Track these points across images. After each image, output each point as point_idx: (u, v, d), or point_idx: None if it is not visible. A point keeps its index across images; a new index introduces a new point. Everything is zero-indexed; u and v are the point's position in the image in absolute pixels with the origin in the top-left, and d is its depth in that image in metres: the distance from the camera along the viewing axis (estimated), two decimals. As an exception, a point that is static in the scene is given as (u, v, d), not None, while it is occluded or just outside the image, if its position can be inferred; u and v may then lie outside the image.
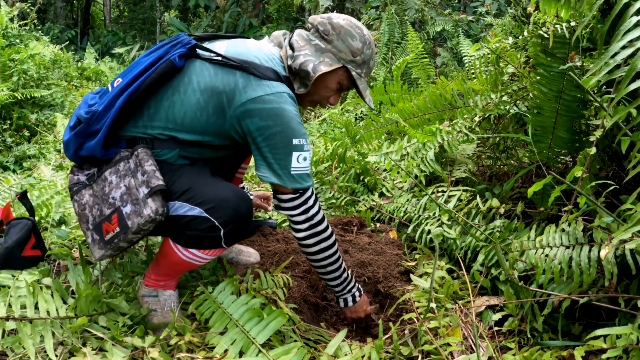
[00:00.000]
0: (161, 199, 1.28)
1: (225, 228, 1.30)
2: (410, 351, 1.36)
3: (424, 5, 6.70)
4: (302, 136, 1.35)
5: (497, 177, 2.11)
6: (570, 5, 1.53)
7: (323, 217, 1.45)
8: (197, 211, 1.28)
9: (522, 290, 1.41)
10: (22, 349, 1.22)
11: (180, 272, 1.47)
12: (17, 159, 4.00)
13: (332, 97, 1.48)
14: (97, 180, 1.36)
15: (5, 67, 4.72)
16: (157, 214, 1.24)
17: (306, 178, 1.38)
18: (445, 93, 2.53)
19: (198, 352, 1.33)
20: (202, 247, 1.34)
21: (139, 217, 1.25)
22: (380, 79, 5.75)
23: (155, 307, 1.44)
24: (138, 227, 1.25)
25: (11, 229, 1.71)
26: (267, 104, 1.31)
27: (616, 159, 1.57)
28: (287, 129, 1.32)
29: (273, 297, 1.56)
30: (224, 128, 1.36)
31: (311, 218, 1.41)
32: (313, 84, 1.40)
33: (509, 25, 3.55)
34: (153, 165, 1.31)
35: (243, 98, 1.31)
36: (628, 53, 1.05)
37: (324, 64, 1.37)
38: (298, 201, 1.39)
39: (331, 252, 1.46)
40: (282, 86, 1.35)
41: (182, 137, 1.36)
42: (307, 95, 1.45)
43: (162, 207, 1.26)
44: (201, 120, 1.35)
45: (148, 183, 1.27)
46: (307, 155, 1.37)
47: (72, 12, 12.56)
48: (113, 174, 1.33)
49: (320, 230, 1.43)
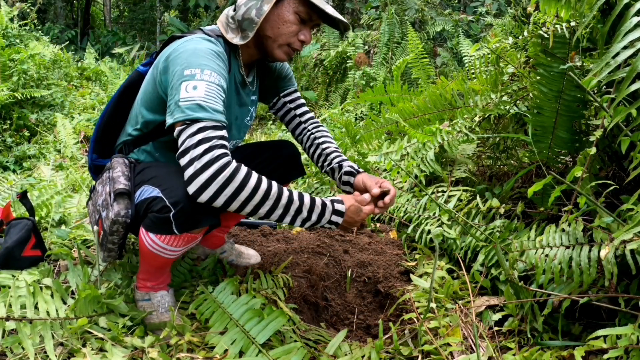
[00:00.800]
0: (126, 201, 1.33)
1: (175, 208, 1.23)
2: (410, 351, 1.36)
3: (424, 5, 6.70)
4: (197, 66, 1.22)
5: (497, 177, 2.11)
6: (570, 5, 1.53)
7: (229, 158, 1.18)
8: (156, 192, 1.29)
9: (522, 290, 1.41)
10: (22, 350, 1.22)
11: (157, 268, 1.43)
12: (17, 159, 4.01)
13: (299, 32, 1.37)
14: (93, 191, 1.51)
15: (5, 67, 4.72)
16: (119, 216, 1.30)
17: (195, 108, 1.17)
18: (445, 93, 2.53)
19: (198, 352, 1.33)
20: (157, 231, 1.29)
21: (107, 220, 1.33)
22: (380, 79, 5.75)
23: (151, 310, 1.44)
24: (110, 230, 1.32)
25: (11, 229, 1.71)
26: (175, 52, 1.29)
27: (616, 159, 1.57)
28: (183, 64, 1.24)
29: (273, 297, 1.56)
30: (160, 97, 1.35)
31: (211, 149, 1.15)
32: (270, 26, 1.35)
33: (509, 25, 3.55)
34: (120, 171, 1.39)
35: (162, 58, 1.33)
36: (629, 54, 1.05)
37: (265, 1, 1.32)
38: (185, 133, 1.17)
39: (255, 191, 1.19)
40: (199, 36, 1.34)
41: (150, 124, 1.42)
42: (271, 40, 1.37)
43: (124, 209, 1.31)
44: (152, 97, 1.38)
45: (113, 189, 1.35)
46: (199, 84, 1.20)
47: (72, 12, 12.56)
48: (99, 184, 1.45)
49: (223, 165, 1.16)
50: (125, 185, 1.35)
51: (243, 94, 1.51)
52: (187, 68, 1.22)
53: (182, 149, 1.17)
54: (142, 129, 1.44)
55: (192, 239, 1.35)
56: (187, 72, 1.22)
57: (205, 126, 1.17)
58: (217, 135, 1.18)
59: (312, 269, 1.75)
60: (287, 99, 1.67)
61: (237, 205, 1.19)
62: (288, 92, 1.67)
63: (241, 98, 1.50)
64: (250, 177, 1.19)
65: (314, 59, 6.87)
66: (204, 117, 1.17)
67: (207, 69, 1.23)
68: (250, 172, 1.21)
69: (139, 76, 1.51)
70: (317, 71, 6.82)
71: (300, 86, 6.86)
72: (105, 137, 1.57)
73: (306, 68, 6.96)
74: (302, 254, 1.86)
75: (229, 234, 2.04)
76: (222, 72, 1.27)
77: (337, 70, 6.58)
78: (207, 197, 1.16)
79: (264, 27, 1.36)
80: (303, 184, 2.82)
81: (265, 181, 1.22)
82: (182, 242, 1.33)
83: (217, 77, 1.24)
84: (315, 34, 7.47)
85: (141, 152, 1.48)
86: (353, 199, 1.37)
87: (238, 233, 2.08)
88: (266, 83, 1.64)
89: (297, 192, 1.28)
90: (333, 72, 6.59)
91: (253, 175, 1.20)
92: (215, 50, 1.30)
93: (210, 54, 1.27)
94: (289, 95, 1.67)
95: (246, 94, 1.52)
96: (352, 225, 1.37)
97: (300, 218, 1.28)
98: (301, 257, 1.84)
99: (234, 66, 1.43)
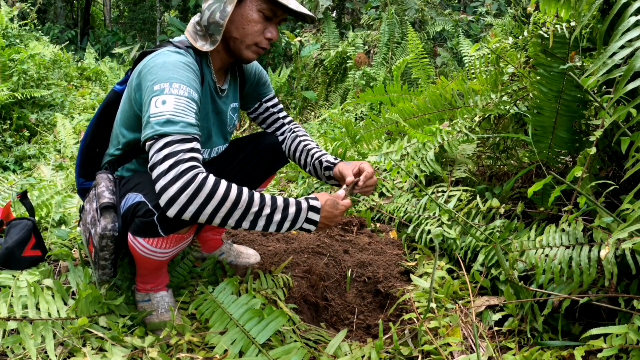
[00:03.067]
0: (112, 215, 1.33)
1: (158, 211, 1.24)
2: (410, 351, 1.36)
3: (424, 5, 6.70)
4: (166, 80, 1.21)
5: (497, 177, 2.11)
6: (570, 5, 1.53)
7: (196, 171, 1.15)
8: (139, 197, 1.29)
9: (522, 290, 1.41)
10: (22, 350, 1.22)
11: (152, 271, 1.44)
12: (17, 159, 4.01)
13: (265, 30, 1.35)
14: (82, 211, 1.51)
15: (5, 67, 4.72)
16: (106, 230, 1.31)
17: (164, 123, 1.16)
18: (445, 93, 2.53)
19: (198, 352, 1.33)
20: (144, 235, 1.29)
21: (96, 236, 1.34)
22: (380, 79, 5.75)
23: (151, 310, 1.45)
24: (99, 245, 1.33)
25: (11, 229, 1.71)
26: (146, 67, 1.28)
27: (616, 159, 1.57)
28: (153, 79, 1.22)
29: (273, 297, 1.56)
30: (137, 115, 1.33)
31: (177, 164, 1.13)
32: (235, 27, 1.33)
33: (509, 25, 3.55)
34: (104, 186, 1.40)
35: (135, 75, 1.32)
36: (626, 53, 1.05)
37: (228, 3, 1.31)
38: (153, 149, 1.15)
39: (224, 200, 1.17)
40: (168, 49, 1.32)
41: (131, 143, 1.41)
42: (238, 41, 1.35)
43: (111, 223, 1.32)
44: (130, 115, 1.37)
45: (98, 204, 1.36)
46: (168, 99, 1.18)
47: (72, 12, 12.56)
48: (87, 203, 1.47)
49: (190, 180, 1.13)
50: (110, 199, 1.35)
51: (219, 102, 1.49)
52: (156, 83, 1.21)
53: (150, 164, 1.16)
54: (124, 148, 1.44)
55: (181, 240, 1.35)
56: (157, 88, 1.20)
57: (172, 140, 1.15)
58: (184, 149, 1.15)
59: (312, 269, 1.75)
60: (269, 104, 1.69)
61: (206, 216, 1.16)
62: (269, 97, 1.69)
63: (218, 106, 1.49)
64: (218, 186, 1.16)
65: (314, 59, 6.87)
66: (171, 131, 1.15)
67: (175, 82, 1.21)
68: (219, 182, 1.17)
69: (116, 95, 1.50)
70: (317, 71, 6.82)
71: (300, 86, 6.86)
72: (90, 160, 1.57)
73: (306, 68, 6.96)
74: (302, 254, 1.86)
75: (227, 233, 2.04)
76: (192, 84, 1.25)
77: (337, 70, 6.58)
78: (175, 212, 1.14)
79: (230, 28, 1.34)
80: (303, 184, 2.82)
81: (235, 189, 1.19)
82: (171, 243, 1.33)
83: (187, 89, 1.22)
84: (315, 34, 7.47)
85: (125, 170, 1.47)
86: (327, 194, 1.34)
87: (237, 233, 2.08)
88: (246, 90, 1.63)
89: (270, 196, 1.25)
90: (333, 72, 6.59)
91: (222, 184, 1.17)
92: (184, 62, 1.28)
93: (179, 66, 1.26)
94: (271, 101, 1.69)
95: (223, 101, 1.50)
96: (332, 220, 1.32)
97: (275, 222, 1.23)
98: (301, 257, 1.84)
99: (207, 75, 1.41)
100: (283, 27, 8.78)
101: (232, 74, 1.55)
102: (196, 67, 1.32)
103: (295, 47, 7.06)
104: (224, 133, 1.56)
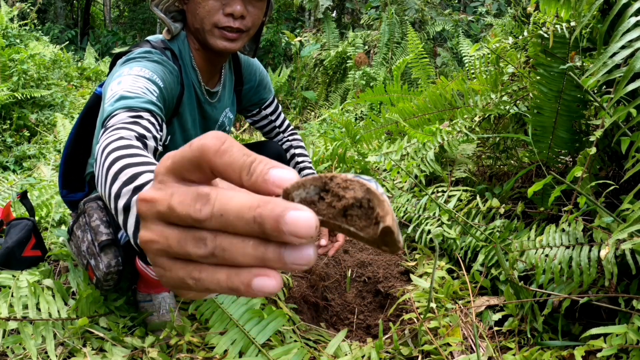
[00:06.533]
0: (113, 250, 1.28)
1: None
2: (410, 351, 1.36)
3: (424, 5, 6.70)
4: (127, 67, 1.09)
5: (497, 177, 2.11)
6: (570, 5, 1.53)
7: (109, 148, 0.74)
8: None
9: (522, 290, 1.41)
10: (23, 350, 1.22)
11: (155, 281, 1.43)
12: (17, 159, 4.01)
13: (222, 7, 1.17)
14: (72, 233, 1.40)
15: (5, 67, 4.72)
16: (110, 267, 1.27)
17: (115, 102, 0.94)
18: (445, 93, 2.53)
19: (198, 352, 1.33)
20: (147, 262, 1.26)
21: (99, 270, 1.29)
22: (380, 79, 5.75)
23: (152, 311, 1.45)
24: (104, 279, 1.28)
25: (11, 229, 1.71)
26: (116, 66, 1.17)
27: (616, 159, 1.57)
28: (115, 73, 1.10)
29: (273, 297, 1.56)
30: None
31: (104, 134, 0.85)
32: (192, 14, 1.20)
33: (509, 25, 3.55)
34: (97, 218, 1.30)
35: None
36: (627, 53, 1.05)
37: None
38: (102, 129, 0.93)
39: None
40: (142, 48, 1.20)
41: None
42: (200, 30, 1.20)
43: (114, 259, 1.27)
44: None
45: (96, 240, 1.29)
46: (124, 79, 1.01)
47: (72, 12, 12.56)
48: (78, 229, 1.37)
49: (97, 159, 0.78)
50: (108, 234, 1.28)
51: (208, 107, 1.38)
52: (118, 76, 1.05)
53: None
54: None
55: None
56: (116, 76, 1.05)
57: (117, 114, 0.90)
58: (127, 115, 0.89)
59: (312, 269, 1.75)
60: (268, 111, 1.60)
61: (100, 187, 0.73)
62: (268, 103, 1.59)
63: (206, 111, 1.38)
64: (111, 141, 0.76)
65: (314, 59, 6.88)
66: (120, 106, 0.91)
67: (136, 65, 1.08)
68: (116, 139, 0.77)
69: (97, 99, 1.40)
70: (317, 71, 6.82)
71: (300, 86, 6.86)
72: (73, 170, 1.50)
73: (306, 68, 6.96)
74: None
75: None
76: (158, 71, 1.10)
77: (337, 70, 6.58)
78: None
79: (191, 20, 1.21)
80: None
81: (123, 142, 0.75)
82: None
83: (148, 72, 1.06)
84: (315, 34, 7.47)
85: None
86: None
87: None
88: (245, 91, 1.52)
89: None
90: (333, 72, 6.59)
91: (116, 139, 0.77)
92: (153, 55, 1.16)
93: (142, 56, 1.14)
94: (270, 107, 1.60)
95: (214, 106, 1.40)
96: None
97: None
98: (301, 257, 1.84)
99: (191, 76, 1.30)
100: (283, 27, 8.79)
101: (226, 74, 1.44)
102: (172, 66, 1.20)
103: (295, 47, 7.06)
104: None
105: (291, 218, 0.28)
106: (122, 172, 0.65)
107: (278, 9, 9.33)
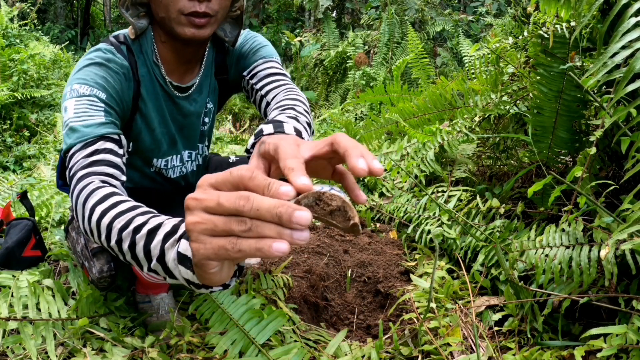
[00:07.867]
0: (105, 256, 1.32)
1: None
2: (410, 351, 1.36)
3: (424, 5, 6.70)
4: (69, 84, 1.07)
5: (497, 177, 2.11)
6: (570, 5, 1.53)
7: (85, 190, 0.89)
8: None
9: (522, 290, 1.41)
10: (23, 350, 1.22)
11: (153, 284, 1.44)
12: (17, 159, 4.01)
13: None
14: (67, 232, 1.47)
15: (5, 67, 4.72)
16: (103, 272, 1.31)
17: (67, 134, 1.01)
18: (445, 93, 2.53)
19: (198, 352, 1.33)
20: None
21: (92, 274, 1.33)
22: (380, 79, 5.75)
23: (151, 312, 1.45)
24: (98, 281, 1.32)
25: (11, 229, 1.71)
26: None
27: (616, 159, 1.57)
28: (68, 83, 1.10)
29: (273, 297, 1.56)
30: None
31: (73, 178, 0.95)
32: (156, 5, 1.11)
33: (509, 25, 3.55)
34: None
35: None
36: (627, 54, 1.05)
37: None
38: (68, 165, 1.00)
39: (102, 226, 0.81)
40: (98, 46, 1.17)
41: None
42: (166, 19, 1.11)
43: (106, 264, 1.31)
44: None
45: (89, 245, 1.33)
46: (68, 104, 1.04)
47: (72, 12, 12.56)
48: (72, 230, 1.42)
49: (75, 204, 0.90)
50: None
51: (181, 102, 1.28)
52: (65, 98, 1.07)
53: (68, 176, 0.99)
54: None
55: None
56: (65, 98, 1.07)
57: (74, 151, 0.98)
58: (83, 156, 0.97)
59: (312, 269, 1.75)
60: (253, 80, 1.27)
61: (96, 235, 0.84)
62: (250, 68, 1.29)
63: (179, 106, 1.28)
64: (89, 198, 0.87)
65: (314, 59, 6.88)
66: (73, 141, 0.99)
67: (76, 83, 1.07)
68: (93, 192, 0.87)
69: None
70: (317, 71, 6.83)
71: (300, 86, 6.86)
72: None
73: (306, 68, 6.97)
74: (302, 254, 1.86)
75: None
76: (97, 80, 1.08)
77: (337, 70, 6.59)
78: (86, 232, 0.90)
79: (154, 9, 1.13)
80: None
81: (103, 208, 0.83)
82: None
83: (88, 88, 1.06)
84: (315, 34, 7.47)
85: None
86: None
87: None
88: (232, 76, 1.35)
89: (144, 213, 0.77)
90: (333, 72, 6.60)
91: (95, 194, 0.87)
92: (100, 59, 1.12)
93: (86, 65, 1.11)
94: (252, 72, 1.28)
95: (192, 100, 1.30)
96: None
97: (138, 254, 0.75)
98: (301, 257, 1.84)
99: (154, 72, 1.22)
100: (283, 27, 8.79)
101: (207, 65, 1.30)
102: (119, 64, 1.14)
103: (295, 47, 7.06)
104: (194, 136, 1.36)
105: (297, 215, 0.48)
106: (124, 230, 0.77)
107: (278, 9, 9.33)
